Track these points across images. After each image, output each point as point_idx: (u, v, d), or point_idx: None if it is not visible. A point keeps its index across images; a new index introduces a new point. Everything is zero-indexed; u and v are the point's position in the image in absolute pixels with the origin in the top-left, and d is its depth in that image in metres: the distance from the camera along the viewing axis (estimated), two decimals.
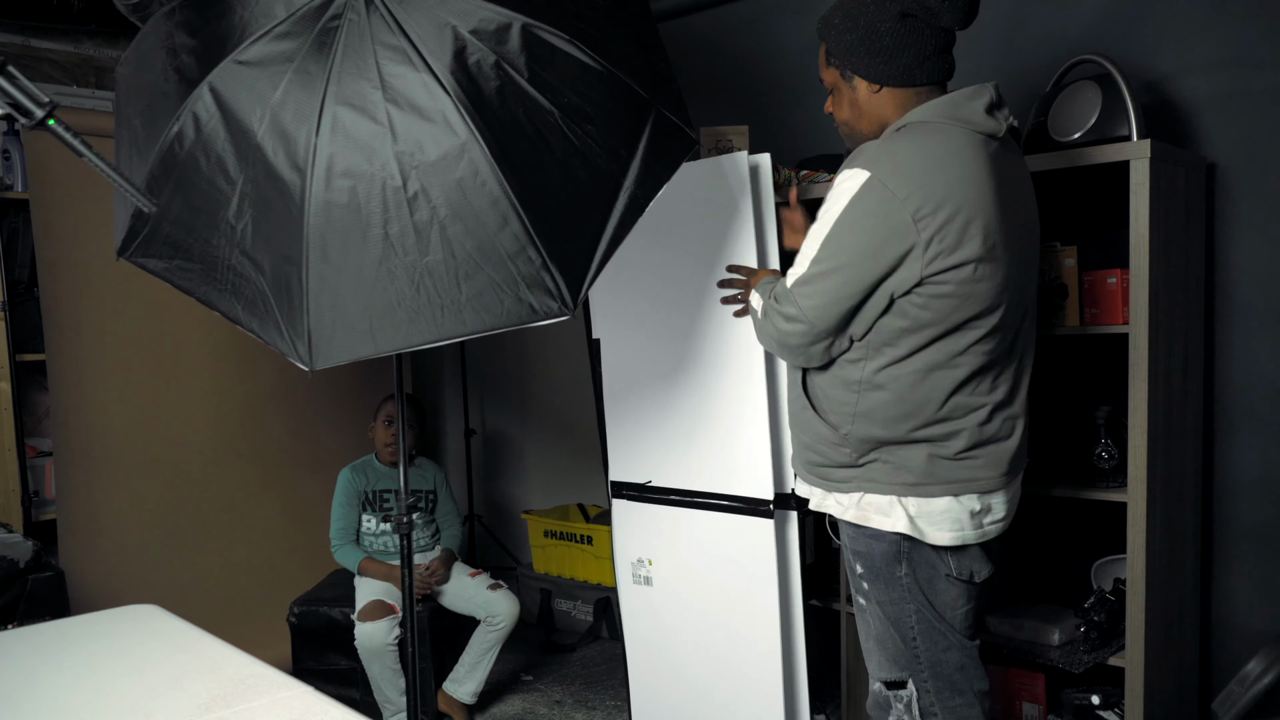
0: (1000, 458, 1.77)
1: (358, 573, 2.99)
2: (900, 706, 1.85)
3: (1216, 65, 2.39)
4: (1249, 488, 2.41)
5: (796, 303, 1.76)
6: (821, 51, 1.89)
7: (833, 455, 1.81)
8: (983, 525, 1.79)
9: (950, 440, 1.73)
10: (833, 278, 1.70)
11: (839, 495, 1.83)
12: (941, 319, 1.68)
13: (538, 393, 4.37)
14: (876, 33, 1.74)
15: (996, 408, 1.76)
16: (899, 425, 1.74)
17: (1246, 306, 2.39)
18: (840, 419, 1.79)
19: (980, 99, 1.73)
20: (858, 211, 1.67)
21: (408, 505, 2.23)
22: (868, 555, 1.82)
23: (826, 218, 1.73)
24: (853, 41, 1.78)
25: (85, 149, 1.23)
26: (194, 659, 1.57)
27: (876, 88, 1.79)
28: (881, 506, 1.78)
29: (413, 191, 1.76)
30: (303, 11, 1.82)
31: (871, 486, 1.78)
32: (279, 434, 3.54)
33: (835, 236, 1.70)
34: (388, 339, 1.80)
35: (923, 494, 1.74)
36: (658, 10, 3.37)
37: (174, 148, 1.89)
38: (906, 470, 1.75)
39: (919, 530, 1.76)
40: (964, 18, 1.73)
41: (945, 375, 1.71)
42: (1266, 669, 2.19)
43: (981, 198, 1.66)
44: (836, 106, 1.89)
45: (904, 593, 1.80)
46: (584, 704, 3.13)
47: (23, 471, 3.23)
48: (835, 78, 1.86)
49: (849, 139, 1.91)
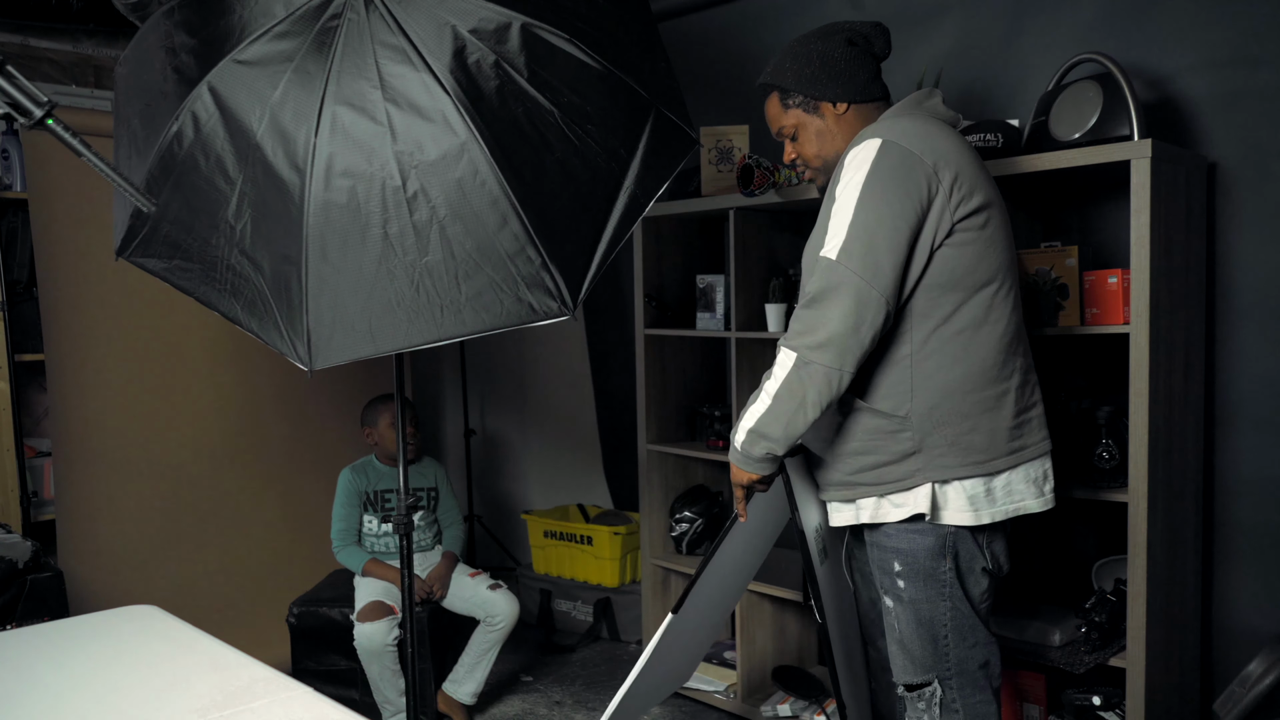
0: (1041, 421, 1.86)
1: (361, 574, 2.99)
2: (920, 705, 1.86)
3: (1217, 65, 2.39)
4: (1249, 488, 2.40)
5: (848, 268, 1.70)
6: (773, 102, 1.98)
7: (892, 447, 1.79)
8: (1044, 492, 1.86)
9: (1002, 405, 1.79)
10: (878, 233, 1.71)
11: (897, 496, 1.81)
12: (974, 269, 1.76)
13: (538, 393, 4.37)
14: (831, 59, 1.91)
15: (1026, 369, 1.85)
16: (958, 390, 1.76)
17: (1246, 306, 2.39)
18: (897, 401, 1.78)
19: (936, 97, 1.92)
20: (883, 168, 1.72)
21: (408, 505, 2.22)
22: (910, 552, 1.82)
23: (851, 186, 1.74)
24: (812, 73, 1.91)
25: (84, 148, 1.23)
26: (193, 660, 1.57)
27: (844, 107, 1.92)
28: (943, 499, 1.78)
29: (412, 191, 1.76)
30: (302, 11, 1.82)
31: (939, 473, 1.77)
32: (279, 434, 3.54)
33: (866, 197, 1.72)
34: (387, 339, 1.80)
35: (988, 470, 1.78)
36: (658, 10, 3.37)
37: (173, 147, 1.88)
38: (972, 449, 1.77)
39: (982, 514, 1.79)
40: (887, 47, 1.96)
41: (990, 331, 1.78)
42: (1268, 669, 2.19)
43: (971, 160, 1.80)
44: (803, 145, 1.97)
45: (943, 588, 1.82)
46: (584, 704, 3.13)
47: (21, 472, 3.23)
48: (798, 116, 1.95)
49: (821, 173, 1.97)
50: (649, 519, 3.22)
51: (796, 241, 3.01)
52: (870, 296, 1.68)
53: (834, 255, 1.71)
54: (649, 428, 3.17)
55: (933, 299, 1.75)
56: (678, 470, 3.29)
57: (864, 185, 1.72)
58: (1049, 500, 1.87)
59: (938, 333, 1.76)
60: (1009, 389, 1.80)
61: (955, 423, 1.77)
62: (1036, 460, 1.84)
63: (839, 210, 1.74)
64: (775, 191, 2.67)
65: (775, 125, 1.99)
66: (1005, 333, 1.79)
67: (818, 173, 1.98)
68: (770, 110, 1.99)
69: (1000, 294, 1.79)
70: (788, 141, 1.99)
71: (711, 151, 2.94)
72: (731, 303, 2.89)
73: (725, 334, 2.95)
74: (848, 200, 1.73)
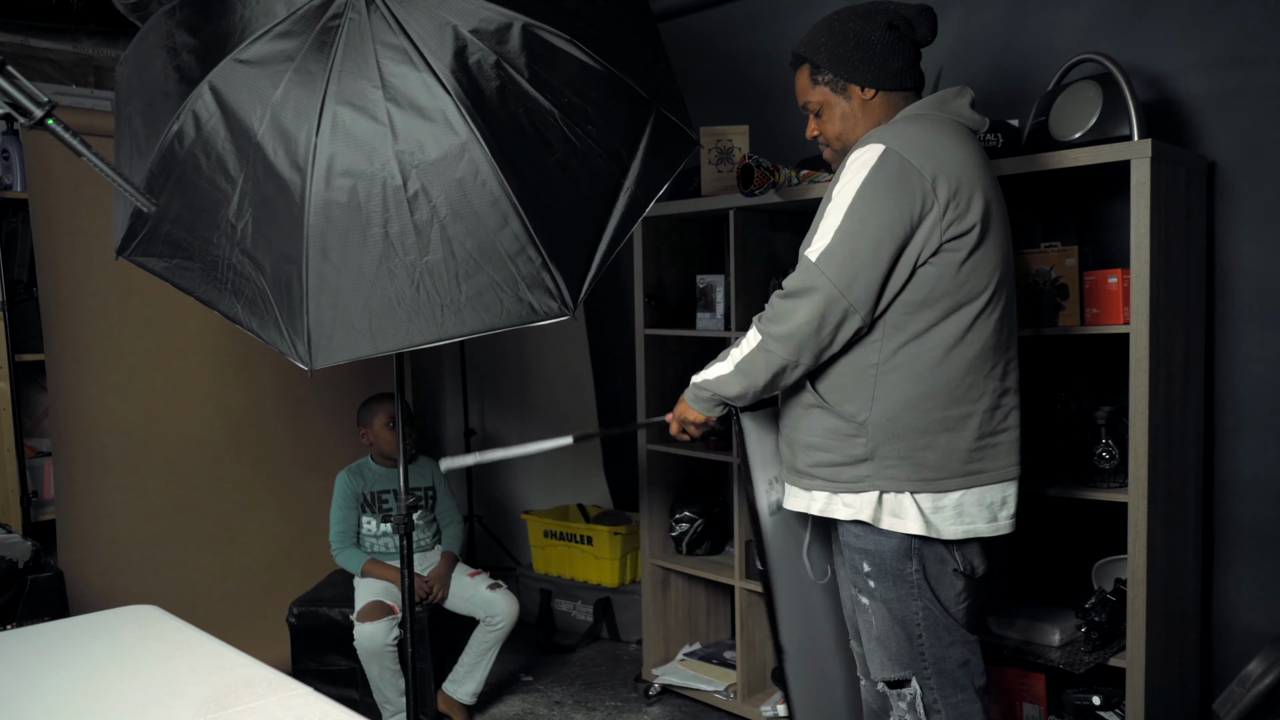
0: (1010, 447, 1.82)
1: (361, 575, 2.99)
2: (903, 705, 1.85)
3: (1216, 65, 2.39)
4: (1249, 488, 2.40)
5: (823, 273, 1.72)
6: (803, 74, 1.95)
7: (846, 450, 1.80)
8: (997, 518, 1.82)
9: (964, 426, 1.77)
10: (862, 243, 1.71)
11: (848, 496, 1.82)
12: (955, 289, 1.74)
13: (538, 393, 4.37)
14: (867, 41, 1.87)
15: (1001, 393, 1.82)
16: (918, 406, 1.75)
17: (1246, 306, 2.39)
18: (857, 407, 1.78)
19: (964, 97, 1.89)
20: (880, 178, 1.71)
21: (408, 505, 2.22)
22: (877, 554, 1.82)
23: (846, 190, 1.74)
24: (846, 53, 1.88)
25: (84, 148, 1.23)
26: (193, 659, 1.57)
27: (872, 93, 1.88)
28: (894, 507, 1.78)
29: (413, 191, 1.76)
30: (303, 11, 1.82)
31: (888, 484, 1.77)
32: (279, 434, 3.54)
33: (859, 204, 1.72)
34: (387, 338, 1.80)
35: (939, 489, 1.76)
36: (658, 10, 3.37)
37: (174, 147, 1.89)
38: (924, 465, 1.76)
39: (934, 529, 1.77)
40: (930, 33, 1.91)
41: (961, 353, 1.76)
42: (1268, 669, 2.19)
43: (978, 175, 1.77)
44: (826, 123, 1.95)
45: (912, 589, 1.81)
46: (584, 704, 3.13)
47: (22, 472, 3.23)
48: (825, 94, 1.92)
49: (840, 154, 1.94)
50: (649, 519, 3.22)
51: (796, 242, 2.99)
52: (839, 306, 1.71)
53: (814, 257, 1.74)
54: (649, 428, 3.17)
55: (907, 315, 1.75)
56: (678, 470, 3.29)
57: (858, 192, 1.72)
58: (1002, 526, 1.84)
59: (906, 348, 1.76)
60: (974, 411, 1.77)
61: (911, 438, 1.76)
62: (996, 485, 1.81)
63: (830, 212, 1.75)
64: (775, 191, 2.67)
65: (801, 98, 1.97)
66: (980, 354, 1.77)
67: (836, 155, 1.96)
68: (799, 82, 1.96)
69: (984, 314, 1.77)
70: (811, 117, 1.97)
71: (711, 151, 2.94)
72: (731, 303, 2.88)
73: (725, 334, 2.95)
74: (840, 204, 1.74)
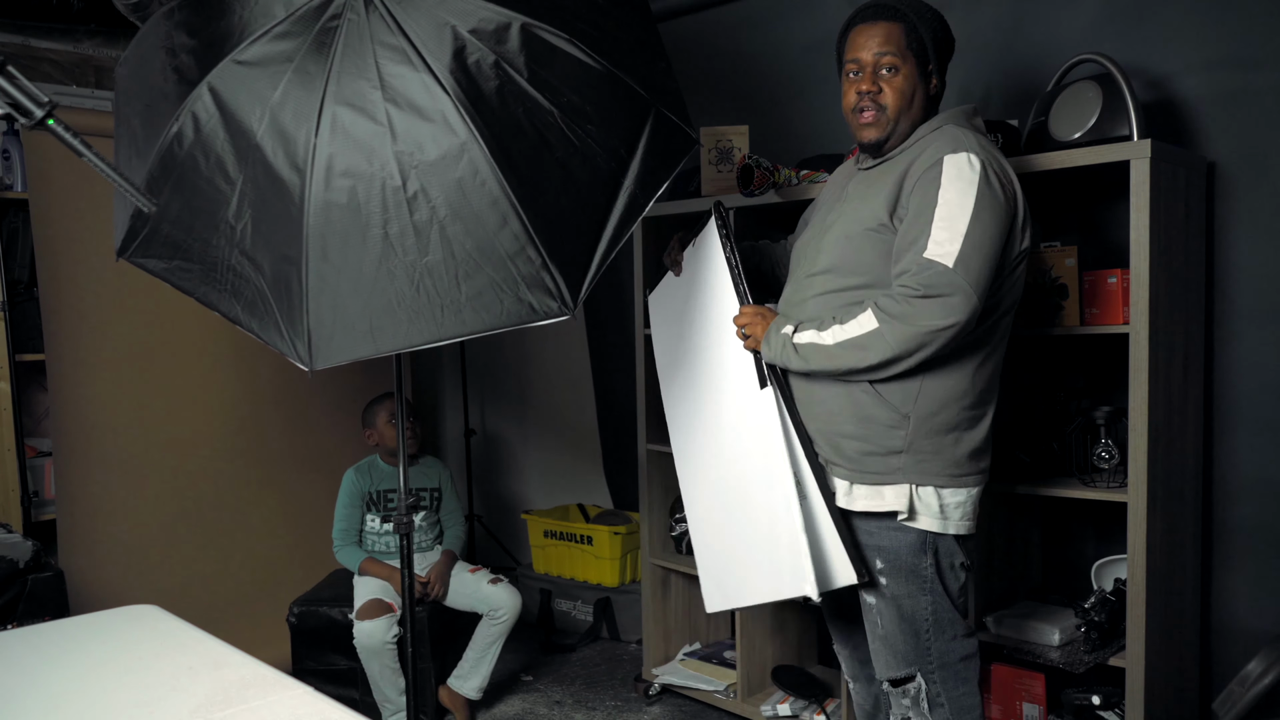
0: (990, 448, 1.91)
1: (359, 573, 2.99)
2: (905, 702, 1.87)
3: (1216, 65, 2.39)
4: (1249, 488, 2.40)
5: (965, 280, 1.70)
6: (897, 31, 1.86)
7: (882, 440, 1.83)
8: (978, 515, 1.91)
9: (980, 425, 1.86)
10: (991, 253, 1.75)
11: (867, 489, 1.85)
12: (1003, 297, 1.84)
13: (538, 393, 4.38)
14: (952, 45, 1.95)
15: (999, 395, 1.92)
16: (954, 404, 1.82)
17: (1246, 306, 2.39)
18: (904, 398, 1.82)
19: (979, 116, 1.96)
20: (990, 190, 1.76)
21: (409, 505, 2.23)
22: (892, 549, 1.84)
23: (963, 198, 1.73)
24: (944, 42, 1.93)
25: (85, 149, 1.23)
26: (193, 659, 1.57)
27: (936, 91, 1.93)
28: (921, 501, 1.82)
29: (412, 191, 1.76)
30: (302, 11, 1.82)
31: (920, 478, 1.82)
32: (279, 434, 3.54)
33: (982, 214, 1.74)
34: (387, 339, 1.80)
35: (960, 484, 1.84)
36: (658, 10, 3.37)
37: (173, 148, 1.88)
38: (950, 461, 1.82)
39: (951, 523, 1.83)
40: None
41: (994, 356, 1.87)
42: (1267, 669, 2.19)
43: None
44: (891, 89, 1.86)
45: (924, 584, 1.84)
46: (584, 704, 3.13)
47: (22, 471, 3.23)
48: (911, 63, 1.87)
49: (872, 125, 1.87)
50: (649, 519, 3.22)
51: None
52: (974, 311, 1.73)
53: (949, 262, 1.70)
54: (649, 428, 3.17)
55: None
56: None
57: (977, 200, 1.74)
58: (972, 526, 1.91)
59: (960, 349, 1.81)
60: (987, 411, 1.88)
61: (944, 433, 1.82)
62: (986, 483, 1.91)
63: (947, 216, 1.72)
64: (775, 191, 2.67)
65: (878, 49, 1.85)
66: (1002, 357, 1.89)
67: (882, 126, 1.88)
68: (888, 33, 1.86)
69: (1008, 320, 1.88)
70: (875, 73, 1.86)
71: (711, 151, 2.93)
72: None
73: None
74: (960, 209, 1.73)
